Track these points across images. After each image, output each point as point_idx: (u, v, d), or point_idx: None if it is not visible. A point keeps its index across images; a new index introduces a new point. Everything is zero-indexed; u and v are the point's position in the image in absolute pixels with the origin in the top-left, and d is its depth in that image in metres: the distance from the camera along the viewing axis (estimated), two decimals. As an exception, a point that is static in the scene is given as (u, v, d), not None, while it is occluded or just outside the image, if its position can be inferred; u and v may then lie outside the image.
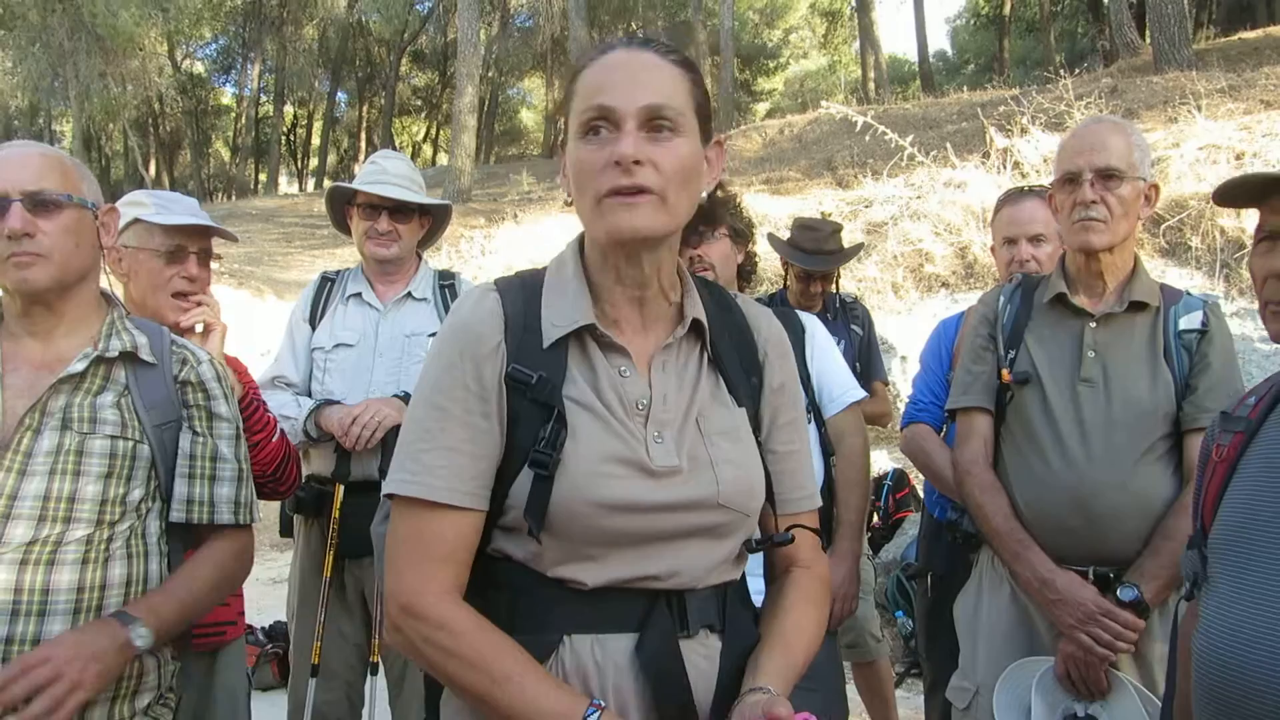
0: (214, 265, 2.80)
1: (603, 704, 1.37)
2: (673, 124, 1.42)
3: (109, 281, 2.17)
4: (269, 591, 6.69)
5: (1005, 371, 2.57)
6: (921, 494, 4.96)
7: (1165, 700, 1.92)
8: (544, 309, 1.52)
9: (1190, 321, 2.48)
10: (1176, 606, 1.94)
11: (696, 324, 1.56)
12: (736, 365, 1.59)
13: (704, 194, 1.53)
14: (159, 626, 1.88)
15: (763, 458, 1.59)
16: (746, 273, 3.23)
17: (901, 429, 3.43)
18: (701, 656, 1.48)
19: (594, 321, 1.49)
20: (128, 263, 2.66)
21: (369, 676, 3.37)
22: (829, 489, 3.07)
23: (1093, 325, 2.50)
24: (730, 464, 1.51)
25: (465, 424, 1.46)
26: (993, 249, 3.62)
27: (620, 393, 1.49)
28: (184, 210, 2.70)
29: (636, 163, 1.38)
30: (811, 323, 3.21)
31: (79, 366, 1.94)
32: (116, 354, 2.00)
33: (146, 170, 34.00)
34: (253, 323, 10.05)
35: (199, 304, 2.66)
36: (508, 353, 1.48)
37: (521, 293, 1.55)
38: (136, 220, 2.66)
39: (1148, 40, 17.72)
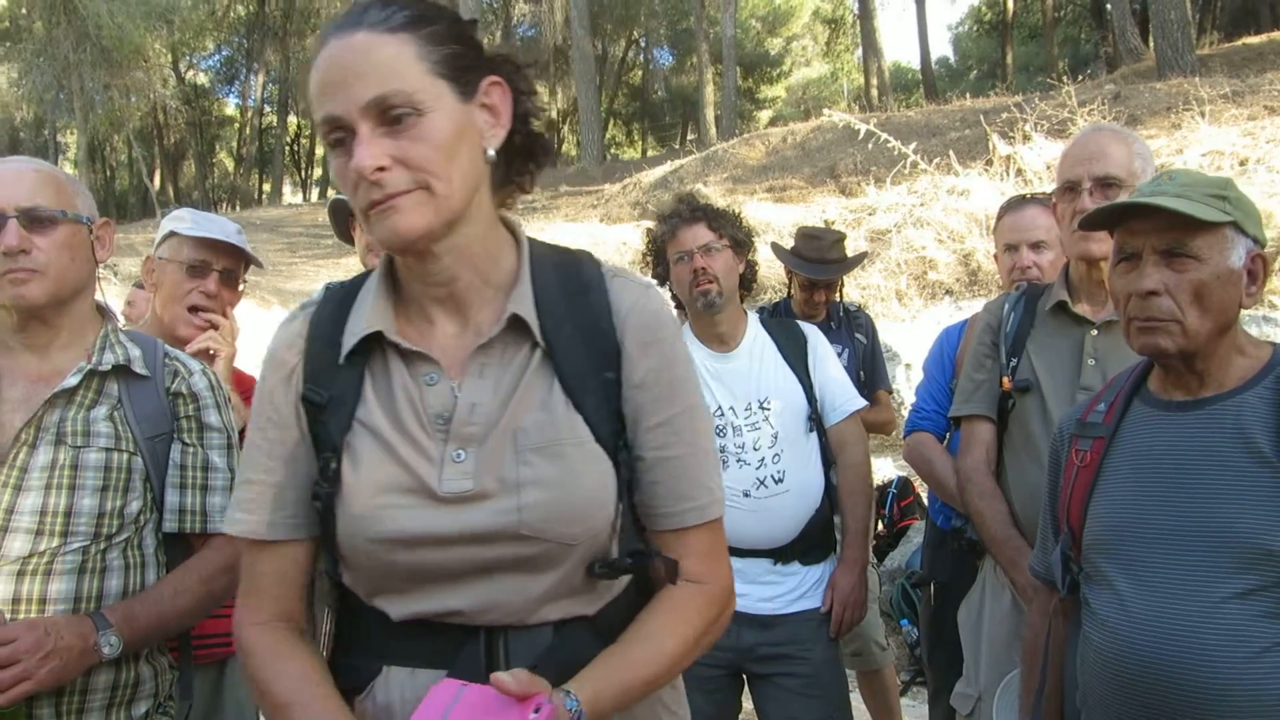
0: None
1: None
2: (409, 106, 1.24)
3: (103, 293, 2.18)
4: (274, 601, 6.67)
5: (1006, 379, 2.57)
6: (926, 502, 4.96)
7: (1037, 692, 2.04)
8: (349, 320, 1.40)
9: None
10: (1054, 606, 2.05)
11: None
12: (581, 360, 1.35)
13: (491, 151, 1.34)
14: (132, 636, 1.88)
15: (620, 468, 1.36)
16: (747, 282, 3.25)
17: (904, 437, 3.43)
18: None
19: (380, 328, 1.35)
20: (157, 274, 2.72)
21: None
22: (830, 498, 3.09)
23: (1093, 333, 2.50)
24: (540, 486, 1.29)
25: (269, 454, 1.40)
26: (996, 256, 3.64)
27: (419, 407, 1.34)
28: (216, 228, 2.73)
29: (382, 169, 1.24)
30: (812, 333, 3.24)
31: (73, 381, 1.96)
32: (109, 367, 2.01)
33: (151, 181, 34.12)
34: (258, 333, 10.07)
35: (211, 324, 2.67)
36: (303, 374, 1.39)
37: (334, 304, 1.44)
38: (172, 233, 2.70)
39: (1151, 46, 17.75)
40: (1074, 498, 1.92)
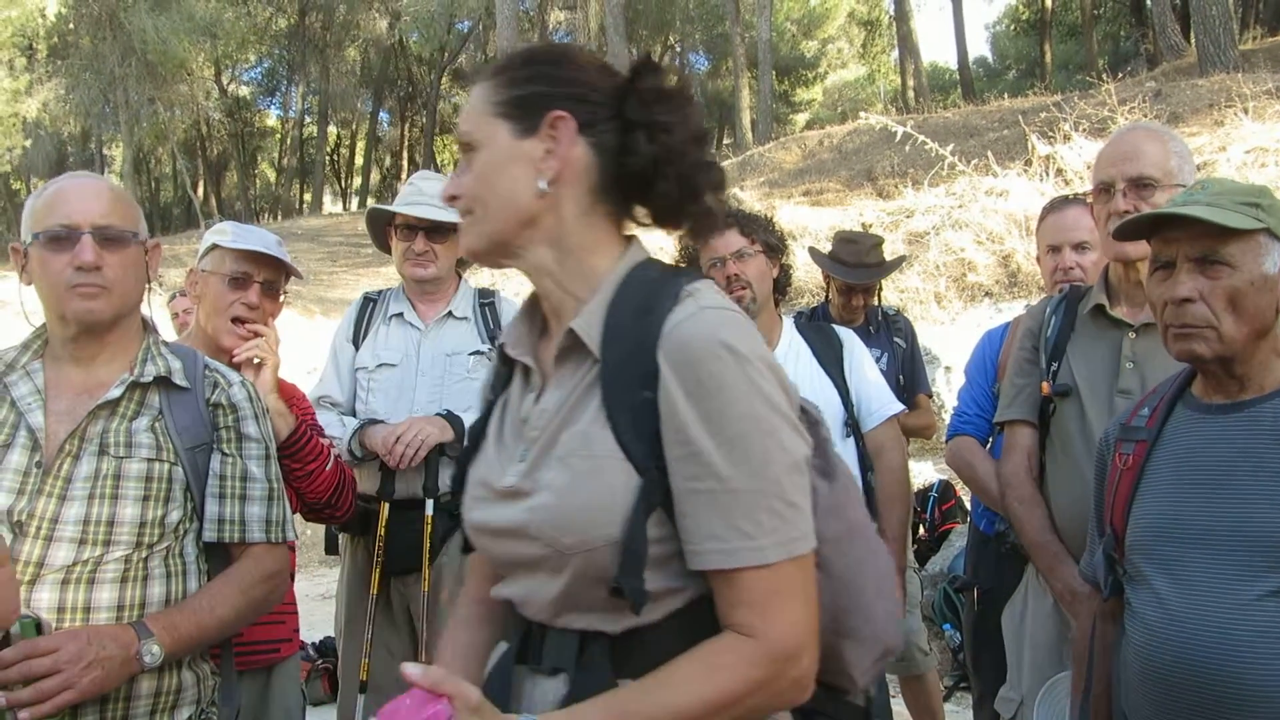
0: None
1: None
2: (469, 143, 1.44)
3: (149, 304, 2.24)
4: (319, 607, 6.77)
5: (1045, 384, 2.56)
6: (968, 506, 4.91)
7: (1085, 694, 2.08)
8: None
9: None
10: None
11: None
12: (623, 377, 1.34)
13: (542, 183, 1.38)
14: (173, 644, 1.91)
15: (651, 488, 1.30)
16: (781, 286, 3.25)
17: (946, 441, 3.41)
18: (550, 696, 1.35)
19: (503, 342, 1.53)
20: (200, 286, 2.78)
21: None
22: (869, 503, 3.08)
23: (1132, 336, 2.47)
24: (550, 491, 1.33)
25: None
26: (1038, 258, 3.61)
27: (516, 411, 1.48)
28: (257, 240, 2.78)
29: (452, 197, 1.45)
30: (849, 338, 3.23)
31: (116, 393, 2.01)
32: (151, 379, 2.06)
33: (195, 192, 34.66)
34: (301, 342, 10.18)
35: (256, 334, 2.71)
36: (490, 383, 1.60)
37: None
38: (215, 246, 2.76)
39: (1192, 42, 17.49)
40: (1117, 500, 1.96)
